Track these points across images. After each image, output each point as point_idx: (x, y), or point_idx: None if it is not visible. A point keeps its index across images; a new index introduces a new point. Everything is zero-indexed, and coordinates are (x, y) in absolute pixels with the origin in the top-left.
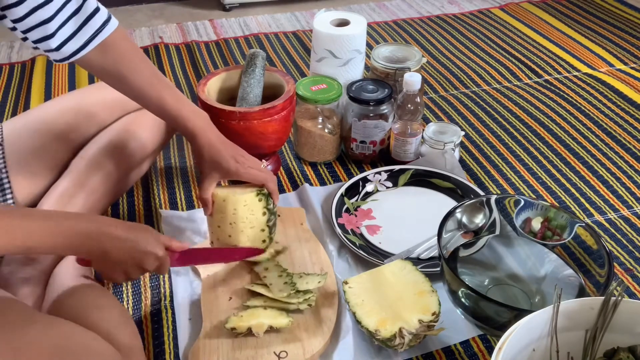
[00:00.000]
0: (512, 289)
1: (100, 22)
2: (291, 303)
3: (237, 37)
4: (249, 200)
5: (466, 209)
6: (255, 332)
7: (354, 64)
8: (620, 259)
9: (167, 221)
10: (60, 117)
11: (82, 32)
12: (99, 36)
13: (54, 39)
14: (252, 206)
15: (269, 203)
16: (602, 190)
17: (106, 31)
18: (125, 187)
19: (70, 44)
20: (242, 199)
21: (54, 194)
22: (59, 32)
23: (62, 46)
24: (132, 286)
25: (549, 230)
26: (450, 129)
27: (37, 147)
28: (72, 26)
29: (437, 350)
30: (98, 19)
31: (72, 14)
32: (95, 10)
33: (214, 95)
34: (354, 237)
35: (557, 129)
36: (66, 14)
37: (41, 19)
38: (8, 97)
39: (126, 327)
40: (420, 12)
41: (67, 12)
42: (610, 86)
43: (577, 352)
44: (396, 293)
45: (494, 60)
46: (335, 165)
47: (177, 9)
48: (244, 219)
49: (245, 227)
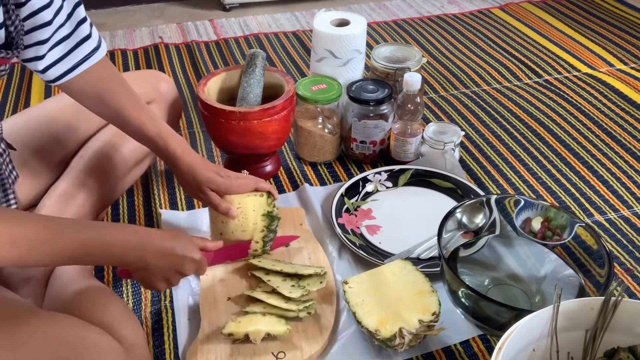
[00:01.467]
0: (512, 289)
1: (88, 50)
2: (291, 310)
3: (237, 37)
4: (258, 202)
5: (466, 209)
6: (252, 338)
7: (354, 64)
8: (620, 259)
9: (167, 221)
10: (60, 116)
11: (69, 58)
12: (84, 64)
13: (42, 60)
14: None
15: (271, 204)
16: (602, 190)
17: (92, 60)
18: (124, 185)
19: (55, 69)
20: (258, 201)
21: (54, 194)
22: (48, 55)
23: (48, 69)
24: (133, 286)
25: (549, 230)
26: (450, 129)
27: (37, 147)
28: (61, 50)
29: (437, 350)
30: (87, 46)
31: (63, 38)
32: (87, 37)
33: (214, 95)
34: (354, 237)
35: (557, 129)
36: (58, 37)
37: (37, 39)
38: (8, 97)
39: (129, 321)
40: (420, 12)
41: (59, 36)
42: (610, 86)
43: (577, 352)
44: (396, 293)
45: (494, 60)
46: (335, 165)
47: (177, 9)
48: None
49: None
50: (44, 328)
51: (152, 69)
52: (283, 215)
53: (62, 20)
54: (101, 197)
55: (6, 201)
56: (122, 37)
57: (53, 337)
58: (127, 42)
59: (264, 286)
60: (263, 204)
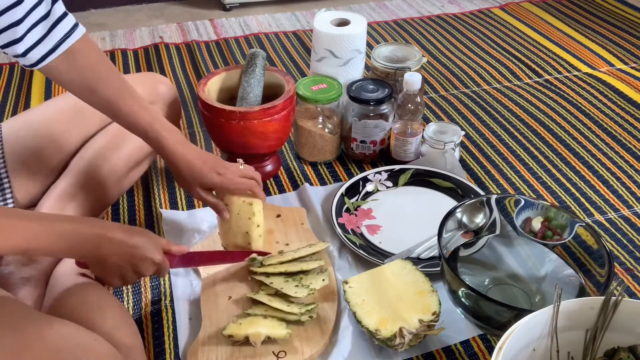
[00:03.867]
0: (512, 289)
1: (67, 27)
2: (293, 314)
3: (237, 36)
4: (259, 206)
5: (466, 209)
6: (252, 341)
7: (354, 63)
8: (621, 259)
9: (167, 221)
10: (60, 117)
11: (49, 38)
12: (65, 42)
13: (21, 43)
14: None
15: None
16: (602, 190)
17: (73, 37)
18: (124, 186)
19: (37, 50)
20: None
21: (53, 194)
22: (27, 37)
23: (29, 51)
24: (133, 286)
25: (549, 229)
26: (451, 129)
27: (36, 147)
28: (40, 31)
29: (437, 350)
30: (65, 24)
31: (41, 18)
32: (63, 15)
33: (214, 95)
34: (354, 236)
35: (557, 129)
36: (35, 18)
37: (11, 20)
38: (8, 97)
39: (127, 327)
40: (421, 11)
41: (36, 16)
42: (611, 86)
43: (577, 352)
44: (396, 293)
45: (494, 60)
46: (335, 165)
47: (177, 9)
48: (260, 223)
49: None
50: (43, 334)
51: (151, 72)
52: (283, 215)
53: (36, 0)
54: (100, 198)
55: (3, 199)
56: (122, 37)
57: (52, 344)
58: (127, 42)
59: (266, 288)
60: (248, 211)
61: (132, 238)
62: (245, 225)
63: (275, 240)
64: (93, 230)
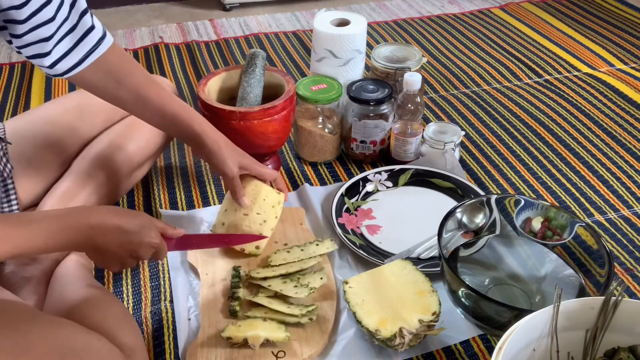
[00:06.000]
0: (512, 289)
1: (95, 39)
2: (293, 315)
3: (237, 37)
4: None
5: (466, 209)
6: (251, 344)
7: (354, 63)
8: (621, 259)
9: (167, 221)
10: (63, 117)
11: (77, 50)
12: (94, 53)
13: (48, 57)
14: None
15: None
16: (602, 190)
17: (101, 48)
18: (126, 187)
19: (64, 62)
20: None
21: (56, 194)
22: (54, 50)
23: (56, 64)
24: (132, 286)
25: (549, 230)
26: (451, 129)
27: (39, 147)
28: (67, 44)
29: (438, 350)
30: (93, 36)
31: (68, 31)
32: (91, 28)
33: (214, 95)
34: (354, 237)
35: (557, 129)
36: (62, 32)
37: (40, 37)
38: (8, 97)
39: (128, 326)
40: (421, 11)
41: (64, 31)
42: (611, 86)
43: (577, 352)
44: (396, 293)
45: (494, 60)
46: (335, 165)
47: (177, 9)
48: (278, 215)
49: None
50: (46, 335)
51: (153, 74)
52: (283, 215)
53: (66, 14)
54: (102, 198)
55: (7, 201)
56: (122, 37)
57: (55, 344)
58: (127, 42)
59: (265, 291)
60: (274, 200)
61: (127, 222)
62: (266, 213)
63: (274, 240)
64: (84, 221)
